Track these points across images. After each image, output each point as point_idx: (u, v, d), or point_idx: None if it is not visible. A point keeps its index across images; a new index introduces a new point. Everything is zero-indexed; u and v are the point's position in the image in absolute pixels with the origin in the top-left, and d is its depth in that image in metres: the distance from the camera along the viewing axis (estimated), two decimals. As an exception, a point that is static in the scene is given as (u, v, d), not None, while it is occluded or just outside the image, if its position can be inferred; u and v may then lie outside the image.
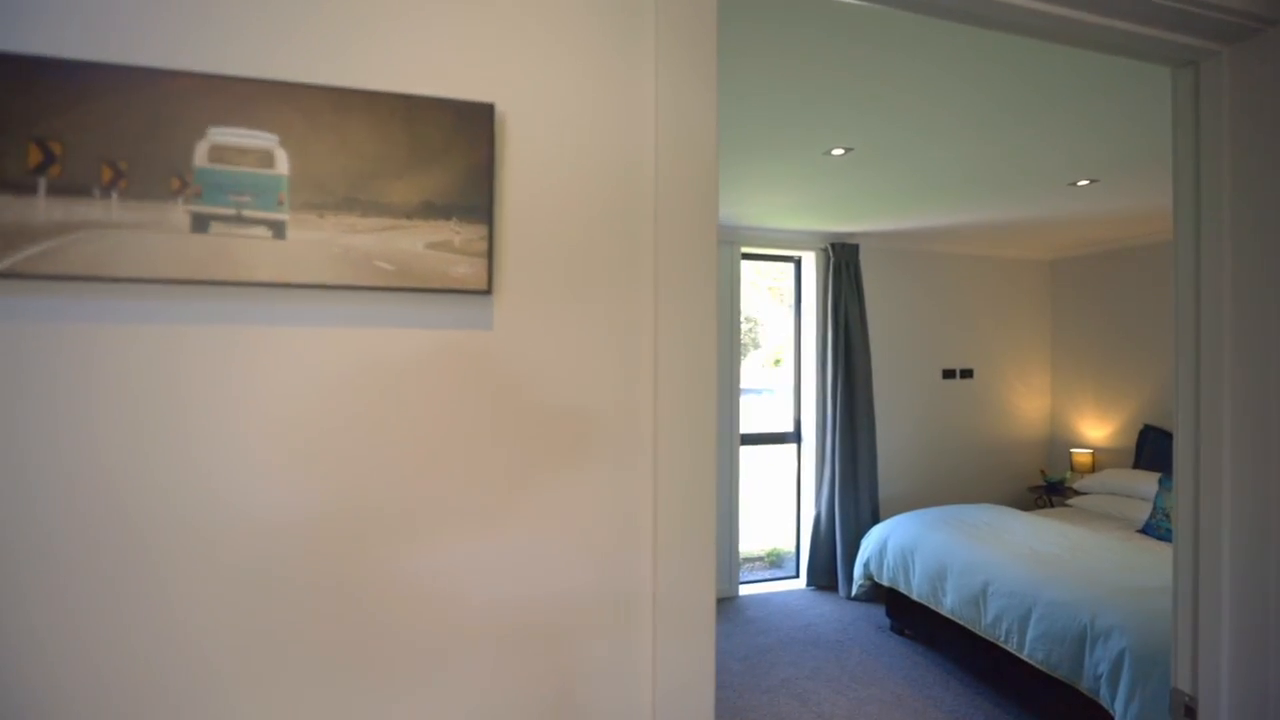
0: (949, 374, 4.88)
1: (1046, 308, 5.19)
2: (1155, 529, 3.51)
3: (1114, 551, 2.99)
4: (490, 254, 0.78)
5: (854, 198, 3.49)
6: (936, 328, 4.86)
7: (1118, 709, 2.25)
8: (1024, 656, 2.65)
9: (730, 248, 4.33)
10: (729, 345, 4.30)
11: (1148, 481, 3.84)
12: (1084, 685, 2.41)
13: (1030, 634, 2.63)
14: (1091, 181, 3.14)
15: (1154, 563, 2.82)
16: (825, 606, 4.12)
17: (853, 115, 2.38)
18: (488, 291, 0.78)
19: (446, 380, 0.79)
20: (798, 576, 4.65)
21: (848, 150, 2.71)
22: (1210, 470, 1.08)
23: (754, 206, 3.70)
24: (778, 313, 4.76)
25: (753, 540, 5.28)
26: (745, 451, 4.63)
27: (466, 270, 0.76)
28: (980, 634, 2.90)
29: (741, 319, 4.55)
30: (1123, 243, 4.56)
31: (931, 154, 2.75)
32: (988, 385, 5.00)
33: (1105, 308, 4.75)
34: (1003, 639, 2.76)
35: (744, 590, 4.41)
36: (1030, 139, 2.59)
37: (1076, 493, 4.42)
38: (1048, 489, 4.71)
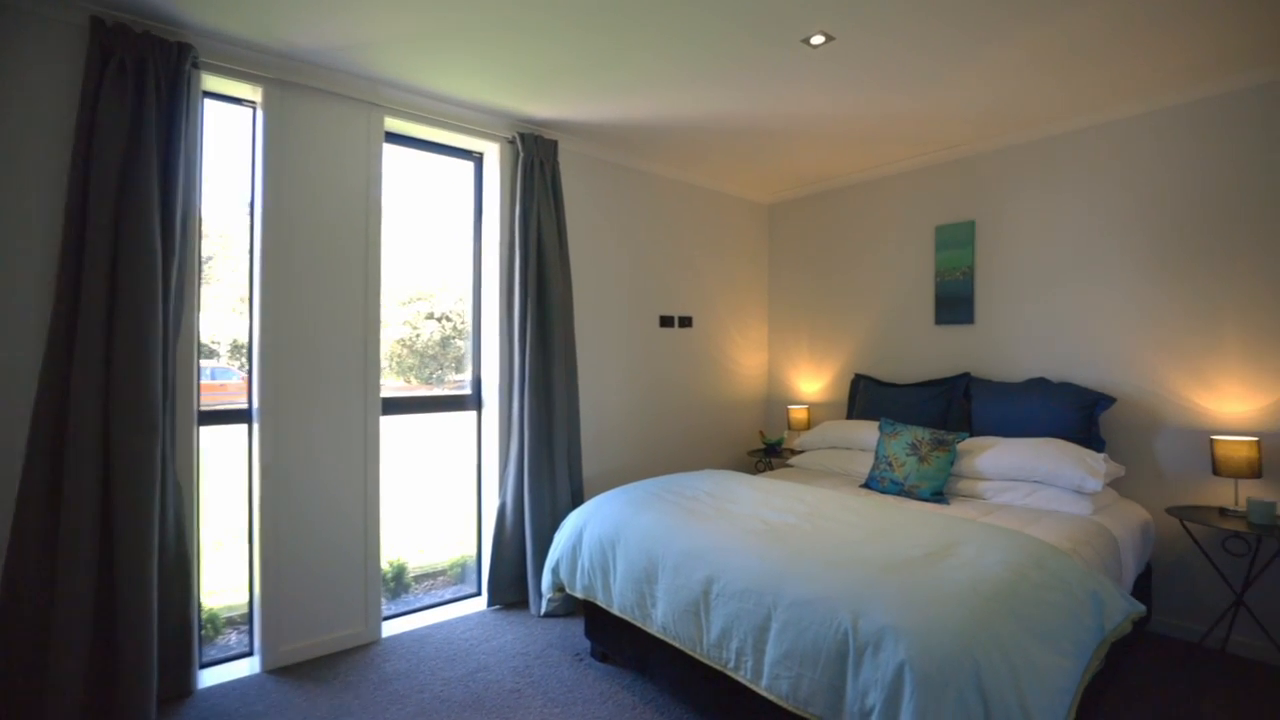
0: (667, 321, 4.08)
1: (764, 256, 4.76)
2: (878, 481, 3.03)
3: (857, 513, 2.30)
4: None
5: (528, 21, 2.31)
6: (654, 266, 4.02)
7: (896, 762, 1.40)
8: (763, 690, 1.72)
9: (368, 112, 2.84)
10: (361, 257, 2.82)
11: (867, 430, 3.42)
12: (846, 727, 1.53)
13: (770, 654, 1.71)
14: (828, 39, 2.43)
15: (907, 523, 2.15)
16: (508, 634, 2.90)
17: None
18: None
19: None
20: (480, 593, 3.37)
21: None
22: None
23: (389, 21, 2.29)
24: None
25: (438, 548, 3.85)
26: (415, 423, 3.20)
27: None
28: (704, 659, 1.93)
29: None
30: (836, 181, 4.23)
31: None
32: (708, 336, 4.35)
33: (817, 254, 4.42)
34: (733, 665, 1.82)
35: (394, 627, 2.97)
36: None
37: (795, 452, 3.95)
38: (767, 451, 4.20)
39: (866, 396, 3.82)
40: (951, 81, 2.77)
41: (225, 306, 2.81)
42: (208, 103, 2.57)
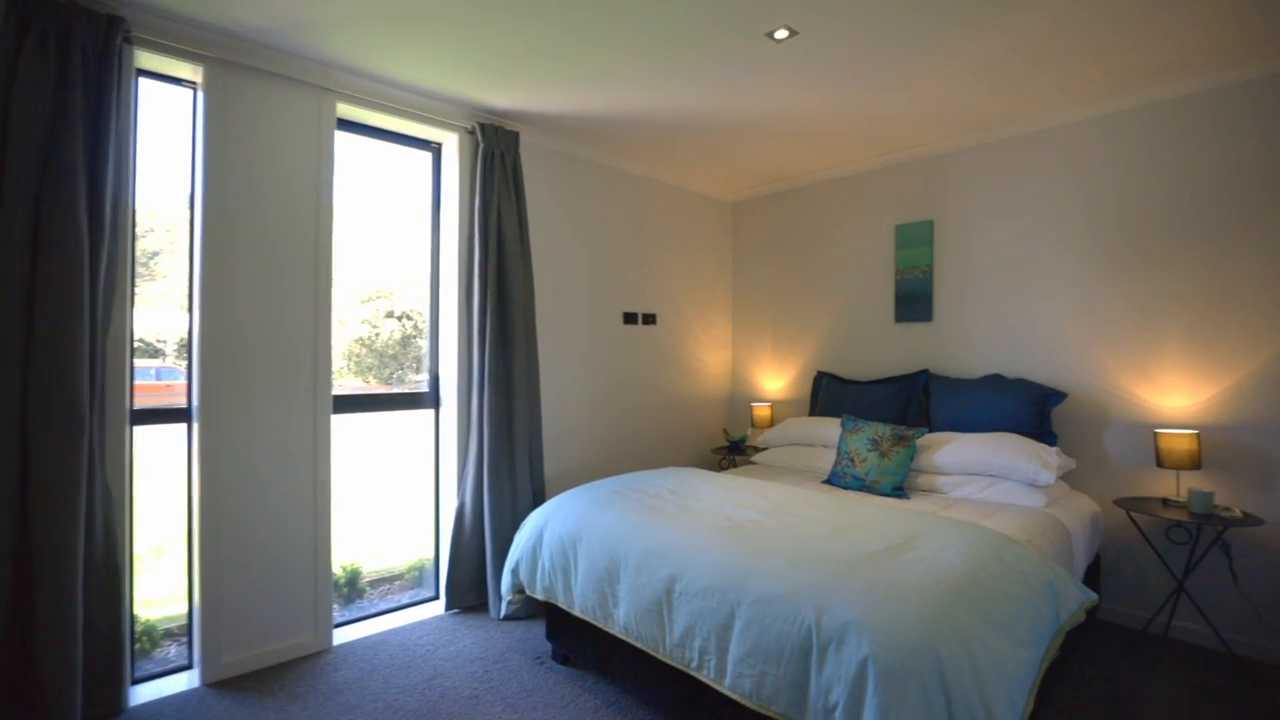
0: (630, 318, 4.04)
1: (728, 253, 4.76)
2: (840, 477, 3.05)
3: (819, 509, 2.29)
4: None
5: (488, 5, 2.23)
6: (618, 262, 3.97)
7: (860, 758, 1.38)
8: (726, 690, 1.69)
9: (319, 97, 2.72)
10: (311, 248, 2.70)
11: (829, 427, 3.44)
12: (810, 725, 1.52)
13: (734, 652, 1.68)
14: (791, 33, 2.42)
15: (869, 518, 2.16)
16: (466, 639, 2.82)
17: None
18: None
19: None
20: (439, 597, 3.27)
21: None
22: None
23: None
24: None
25: (395, 551, 3.72)
26: (372, 423, 3.08)
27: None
28: (666, 660, 1.89)
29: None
30: (800, 179, 4.26)
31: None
32: (672, 334, 4.32)
33: (781, 252, 4.44)
34: (696, 664, 1.78)
35: (346, 634, 2.85)
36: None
37: (758, 449, 3.96)
38: (730, 449, 4.20)
39: (829, 393, 3.85)
40: (918, 78, 2.78)
41: (173, 304, 2.64)
42: (144, 82, 2.42)
